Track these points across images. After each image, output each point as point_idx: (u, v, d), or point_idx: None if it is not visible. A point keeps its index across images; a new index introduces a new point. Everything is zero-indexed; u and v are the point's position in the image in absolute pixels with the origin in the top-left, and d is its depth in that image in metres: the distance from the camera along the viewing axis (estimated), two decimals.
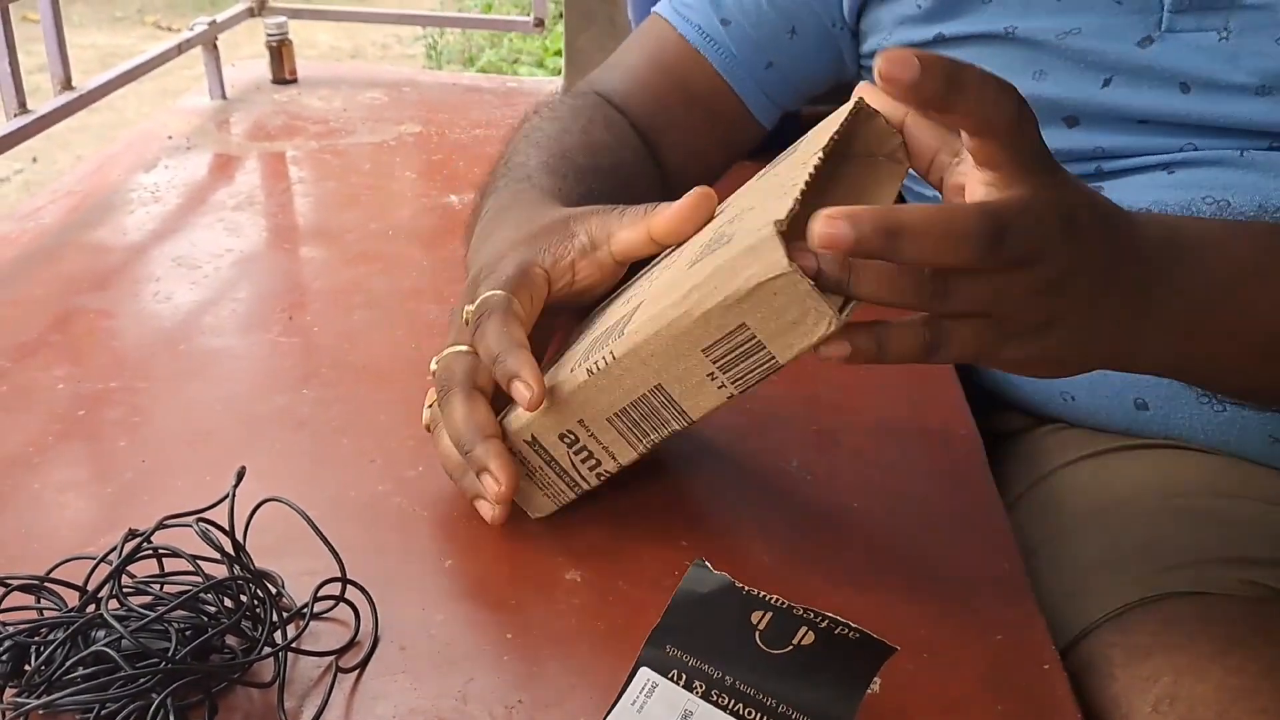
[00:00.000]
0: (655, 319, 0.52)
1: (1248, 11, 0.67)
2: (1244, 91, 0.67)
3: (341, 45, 4.42)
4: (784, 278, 0.47)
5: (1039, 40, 0.70)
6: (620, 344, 0.53)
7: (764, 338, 0.49)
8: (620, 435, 0.56)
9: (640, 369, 0.53)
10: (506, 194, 0.71)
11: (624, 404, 0.54)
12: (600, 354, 0.54)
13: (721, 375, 0.51)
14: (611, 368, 0.53)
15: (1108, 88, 0.69)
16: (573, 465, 0.57)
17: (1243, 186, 0.67)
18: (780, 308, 0.48)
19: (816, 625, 0.45)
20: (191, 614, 0.49)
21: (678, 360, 0.52)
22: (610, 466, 0.57)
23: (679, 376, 0.52)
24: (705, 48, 0.82)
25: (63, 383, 0.72)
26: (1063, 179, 0.50)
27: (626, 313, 0.55)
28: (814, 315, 0.48)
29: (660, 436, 0.55)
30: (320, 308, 0.83)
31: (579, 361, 0.55)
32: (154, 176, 1.06)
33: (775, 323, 0.49)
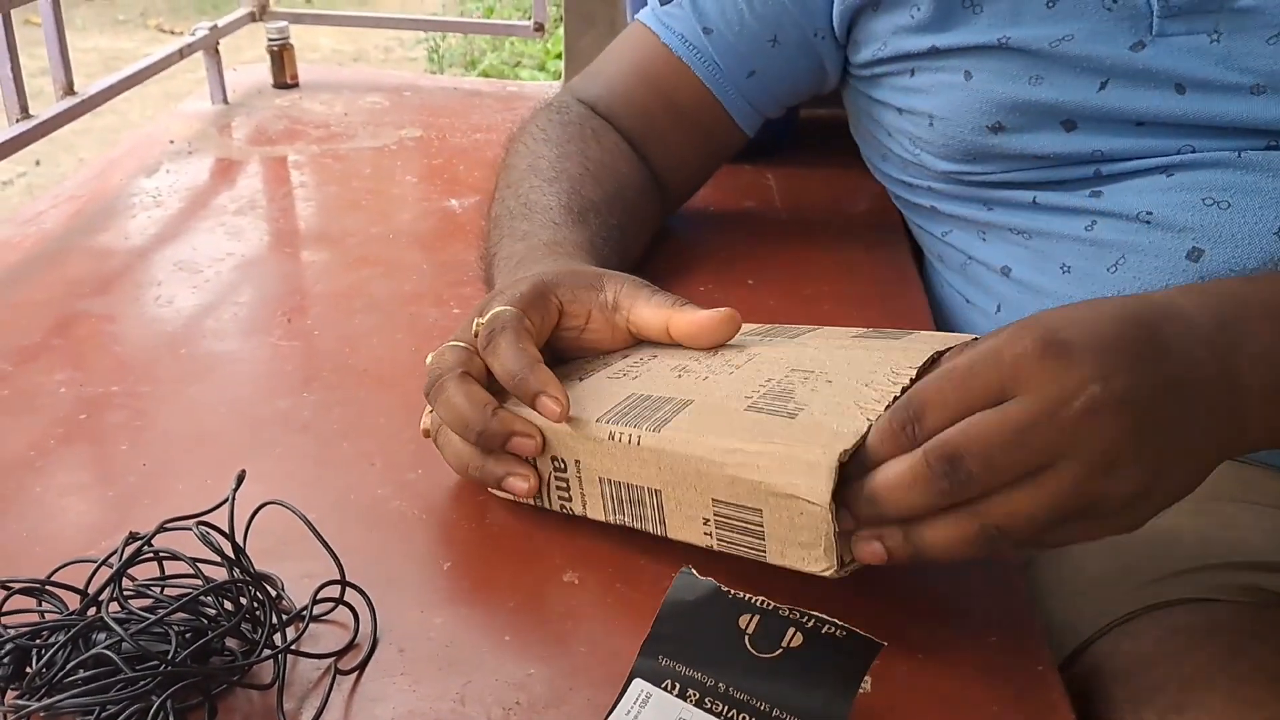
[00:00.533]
0: (694, 443, 0.52)
1: (1237, 14, 0.67)
2: (1239, 92, 0.67)
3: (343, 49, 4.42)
4: (816, 509, 0.48)
5: (1033, 49, 0.70)
6: (650, 438, 0.53)
7: (768, 532, 0.50)
8: (602, 497, 0.56)
9: (654, 469, 0.53)
10: (537, 241, 0.72)
11: (622, 479, 0.55)
12: (630, 429, 0.54)
13: (714, 527, 0.52)
14: (631, 449, 0.54)
15: (1104, 90, 0.69)
16: (545, 484, 0.58)
17: (1242, 187, 0.67)
18: (798, 526, 0.49)
19: (803, 625, 0.45)
20: (191, 616, 0.49)
21: (688, 488, 0.52)
22: (577, 509, 0.58)
23: (680, 500, 0.53)
24: (688, 56, 0.82)
25: (64, 386, 0.72)
26: (1057, 378, 0.45)
27: (673, 399, 0.55)
28: (820, 553, 0.49)
29: (633, 525, 0.56)
30: (321, 311, 0.83)
31: (609, 415, 0.55)
32: (156, 181, 1.06)
33: (786, 530, 0.50)
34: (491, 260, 0.74)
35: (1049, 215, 0.73)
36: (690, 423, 0.53)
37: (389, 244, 0.94)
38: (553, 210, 0.75)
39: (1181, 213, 0.68)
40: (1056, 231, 0.72)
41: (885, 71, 0.78)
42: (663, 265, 0.87)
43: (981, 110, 0.72)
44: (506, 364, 0.56)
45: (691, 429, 0.53)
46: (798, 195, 1.04)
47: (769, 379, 0.55)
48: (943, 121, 0.74)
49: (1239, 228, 0.66)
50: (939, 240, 0.82)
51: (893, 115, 0.80)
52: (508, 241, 0.73)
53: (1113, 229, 0.70)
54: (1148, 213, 0.69)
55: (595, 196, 0.77)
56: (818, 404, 0.52)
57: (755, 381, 0.55)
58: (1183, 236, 0.67)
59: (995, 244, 0.76)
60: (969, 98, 0.73)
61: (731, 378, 0.56)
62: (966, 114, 0.73)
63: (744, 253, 0.91)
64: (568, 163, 0.79)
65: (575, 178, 0.78)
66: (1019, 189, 0.74)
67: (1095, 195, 0.71)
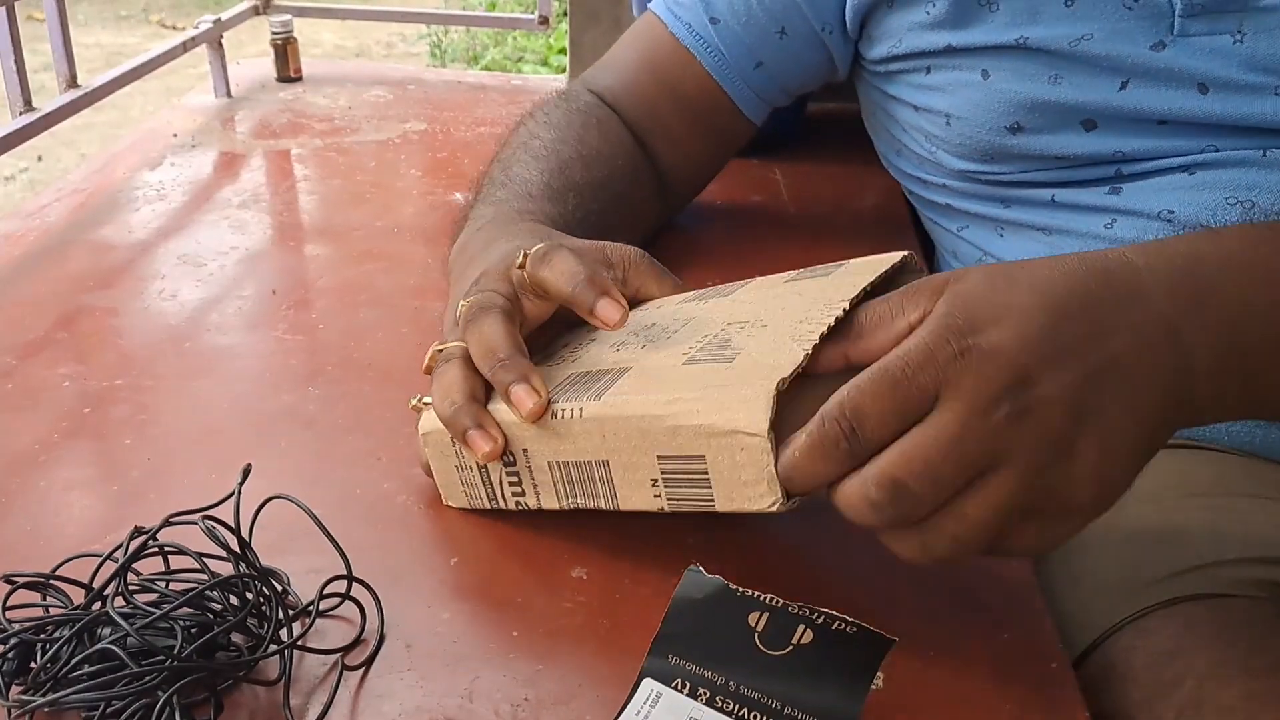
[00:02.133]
0: (632, 404, 0.51)
1: (1261, 14, 0.66)
2: (1263, 92, 0.66)
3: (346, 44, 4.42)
4: (755, 440, 0.47)
5: (1051, 48, 0.69)
6: (592, 407, 0.53)
7: (714, 478, 0.50)
8: (553, 482, 0.56)
9: (598, 439, 0.53)
10: (509, 208, 0.72)
11: (569, 458, 0.54)
12: (571, 404, 0.53)
13: (662, 487, 0.52)
14: (574, 422, 0.53)
15: (1125, 90, 0.69)
16: (500, 482, 0.57)
17: (1267, 186, 0.66)
18: (740, 464, 0.48)
19: (814, 622, 0.45)
20: (197, 611, 0.49)
21: (633, 451, 0.52)
22: (531, 503, 0.57)
23: (626, 465, 0.52)
24: (695, 46, 0.82)
25: (69, 381, 0.72)
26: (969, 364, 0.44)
27: (612, 369, 0.55)
28: (764, 489, 0.48)
29: (586, 504, 0.55)
30: (325, 305, 0.83)
31: (551, 395, 0.55)
32: (159, 174, 1.06)
33: (729, 471, 0.49)
34: (463, 224, 0.74)
35: (1068, 213, 0.72)
36: (630, 385, 0.53)
37: (393, 238, 0.94)
38: (532, 184, 0.74)
39: (1204, 212, 0.67)
40: (1076, 229, 0.72)
41: (901, 69, 0.78)
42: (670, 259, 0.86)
43: (1000, 110, 0.71)
44: (489, 341, 0.55)
45: (631, 391, 0.52)
46: (805, 190, 1.03)
47: (705, 335, 0.55)
48: (960, 121, 0.74)
49: None
50: (955, 236, 0.82)
51: (909, 112, 0.79)
52: (480, 206, 0.74)
53: (1133, 227, 0.69)
54: (1169, 211, 0.68)
55: (580, 180, 0.77)
56: (754, 346, 0.51)
57: (692, 339, 0.55)
58: None
59: (1013, 240, 0.76)
60: (987, 97, 0.72)
61: (669, 341, 0.56)
62: (984, 114, 0.72)
63: (751, 247, 0.90)
64: (561, 145, 0.79)
65: (565, 159, 0.77)
66: (1037, 187, 0.74)
67: (1115, 192, 0.70)
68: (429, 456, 0.60)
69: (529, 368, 0.54)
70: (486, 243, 0.68)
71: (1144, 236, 0.68)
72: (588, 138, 0.80)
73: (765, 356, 0.50)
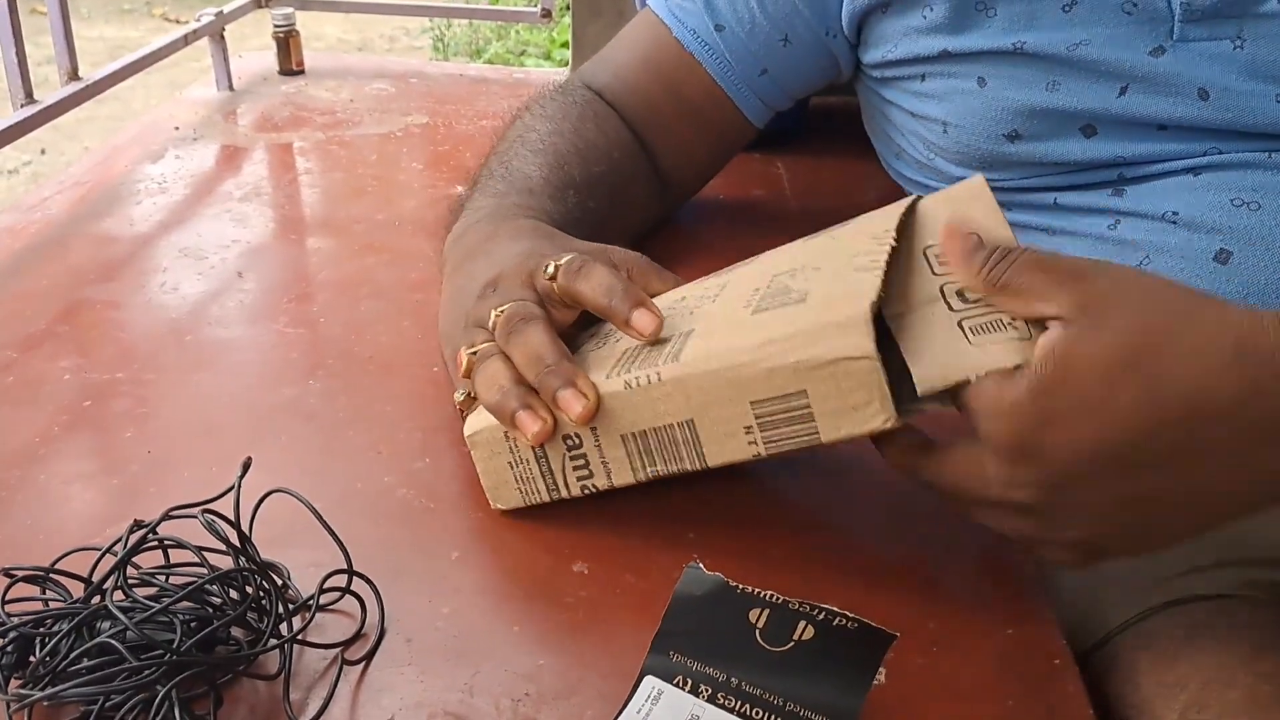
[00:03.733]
0: (717, 356, 0.51)
1: (1261, 20, 0.65)
2: (1264, 99, 0.65)
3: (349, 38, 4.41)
4: (865, 362, 0.47)
5: (1049, 54, 0.68)
6: (670, 369, 0.52)
7: (817, 411, 0.49)
8: (627, 456, 0.55)
9: (681, 399, 0.52)
10: (508, 202, 0.71)
11: (646, 427, 0.53)
12: (644, 371, 0.53)
13: (758, 433, 0.51)
14: (652, 388, 0.52)
15: (1124, 96, 0.68)
16: (562, 469, 0.57)
17: (1273, 187, 0.65)
18: (847, 389, 0.48)
19: (814, 618, 0.44)
20: (197, 605, 0.49)
21: (723, 404, 0.51)
22: (601, 483, 0.56)
23: (716, 420, 0.52)
24: (699, 53, 0.81)
25: (69, 374, 0.72)
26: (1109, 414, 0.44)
27: (673, 335, 0.55)
28: (876, 407, 0.48)
29: (666, 471, 0.54)
30: (327, 299, 0.83)
31: (614, 371, 0.54)
32: (161, 167, 1.05)
33: (835, 401, 0.49)
34: (459, 213, 0.73)
35: (1071, 215, 0.72)
36: (706, 344, 0.52)
37: (394, 231, 0.93)
38: (531, 179, 0.74)
39: (1209, 213, 0.66)
40: (1079, 230, 0.71)
41: (896, 75, 0.77)
42: (672, 253, 0.86)
43: (997, 118, 0.71)
44: (535, 351, 0.55)
45: (710, 347, 0.52)
46: (808, 184, 1.03)
47: (756, 289, 0.54)
48: (957, 129, 0.73)
49: (1269, 229, 0.64)
50: None
51: (905, 117, 0.78)
52: (477, 197, 0.73)
53: (1137, 228, 0.69)
54: (1174, 213, 0.67)
55: (578, 175, 0.76)
56: (818, 285, 0.51)
57: (745, 295, 0.54)
58: (1210, 237, 0.66)
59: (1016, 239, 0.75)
60: (983, 105, 0.71)
61: (718, 303, 0.55)
62: (981, 122, 0.72)
63: (753, 242, 0.89)
64: (558, 139, 0.78)
65: (562, 154, 0.77)
66: (1039, 192, 0.73)
67: (1119, 194, 0.70)
68: (477, 459, 0.59)
69: (575, 371, 0.54)
70: (487, 237, 0.67)
71: (1149, 237, 0.68)
72: (584, 131, 0.80)
73: (837, 288, 0.50)
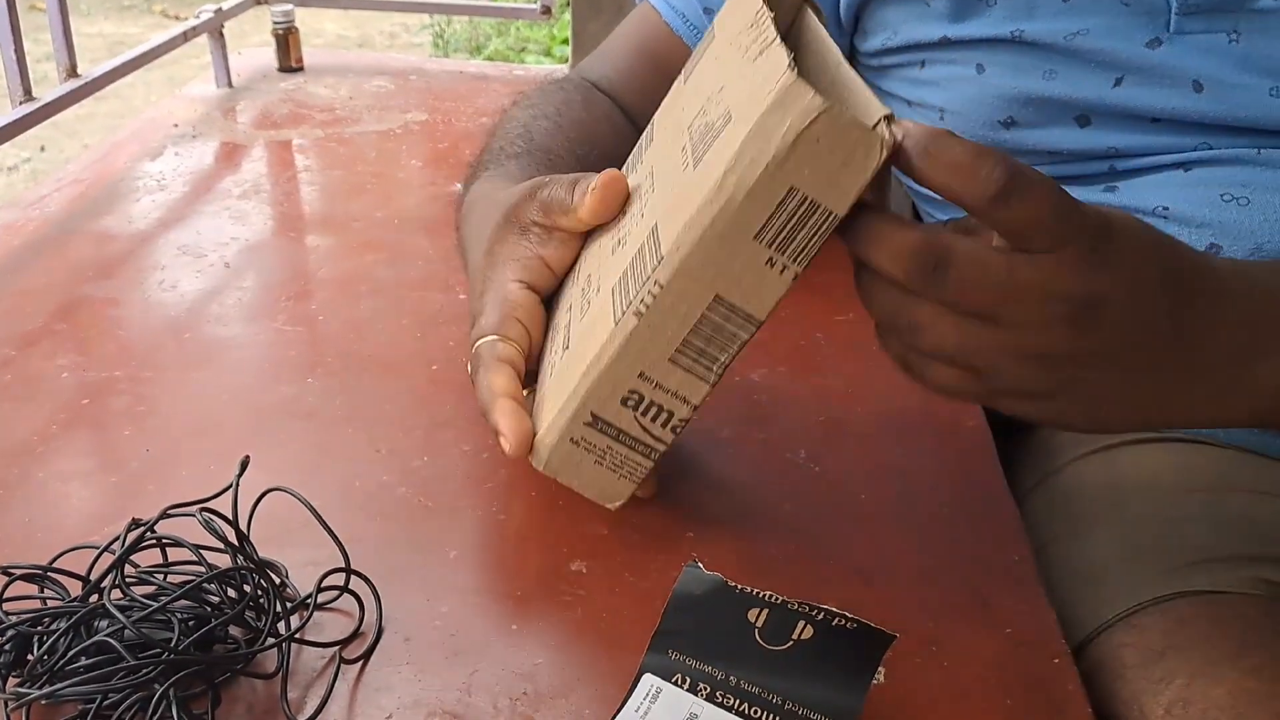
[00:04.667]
0: (691, 225, 0.48)
1: (1257, 15, 0.66)
2: (1258, 93, 0.66)
3: (348, 35, 4.41)
4: (824, 116, 0.44)
5: (1047, 42, 0.69)
6: (663, 269, 0.49)
7: (816, 195, 0.46)
8: (688, 373, 0.52)
9: (694, 286, 0.49)
10: (484, 186, 0.72)
11: (684, 334, 0.50)
12: (642, 291, 0.50)
13: (780, 256, 0.48)
14: (661, 298, 0.49)
15: (1119, 86, 0.68)
16: (643, 429, 0.53)
17: (1262, 184, 0.65)
18: (826, 153, 0.45)
19: (814, 618, 0.44)
20: (195, 604, 0.49)
21: (732, 258, 0.48)
22: (684, 414, 0.53)
23: (737, 277, 0.48)
24: (690, 37, 0.81)
25: (68, 371, 0.72)
26: (1077, 263, 0.45)
27: (646, 234, 0.52)
28: (863, 147, 0.45)
29: (729, 355, 0.51)
30: (326, 297, 0.83)
31: (620, 309, 0.51)
32: (160, 165, 1.05)
33: (824, 172, 0.45)
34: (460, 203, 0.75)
35: None
36: (673, 226, 0.49)
37: (394, 228, 0.93)
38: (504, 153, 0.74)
39: (1199, 209, 0.66)
40: None
41: (895, 62, 0.77)
42: None
43: (993, 104, 0.71)
44: (480, 400, 0.57)
45: (684, 220, 0.48)
46: None
47: (682, 148, 0.52)
48: (954, 116, 0.73)
49: (1258, 224, 0.65)
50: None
51: (902, 107, 0.78)
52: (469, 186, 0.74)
53: None
54: (1164, 208, 0.67)
55: (552, 145, 0.76)
56: (732, 97, 0.49)
57: (676, 161, 0.52)
58: (1200, 232, 0.66)
59: None
60: (981, 91, 0.72)
61: (660, 189, 0.53)
62: (978, 108, 0.72)
63: None
64: (539, 121, 0.78)
65: (538, 130, 0.77)
66: None
67: (1111, 190, 0.70)
68: (567, 481, 0.56)
69: (499, 418, 0.55)
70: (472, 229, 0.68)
71: None
72: (568, 111, 0.80)
73: (753, 84, 0.47)
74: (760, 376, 0.72)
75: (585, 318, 0.55)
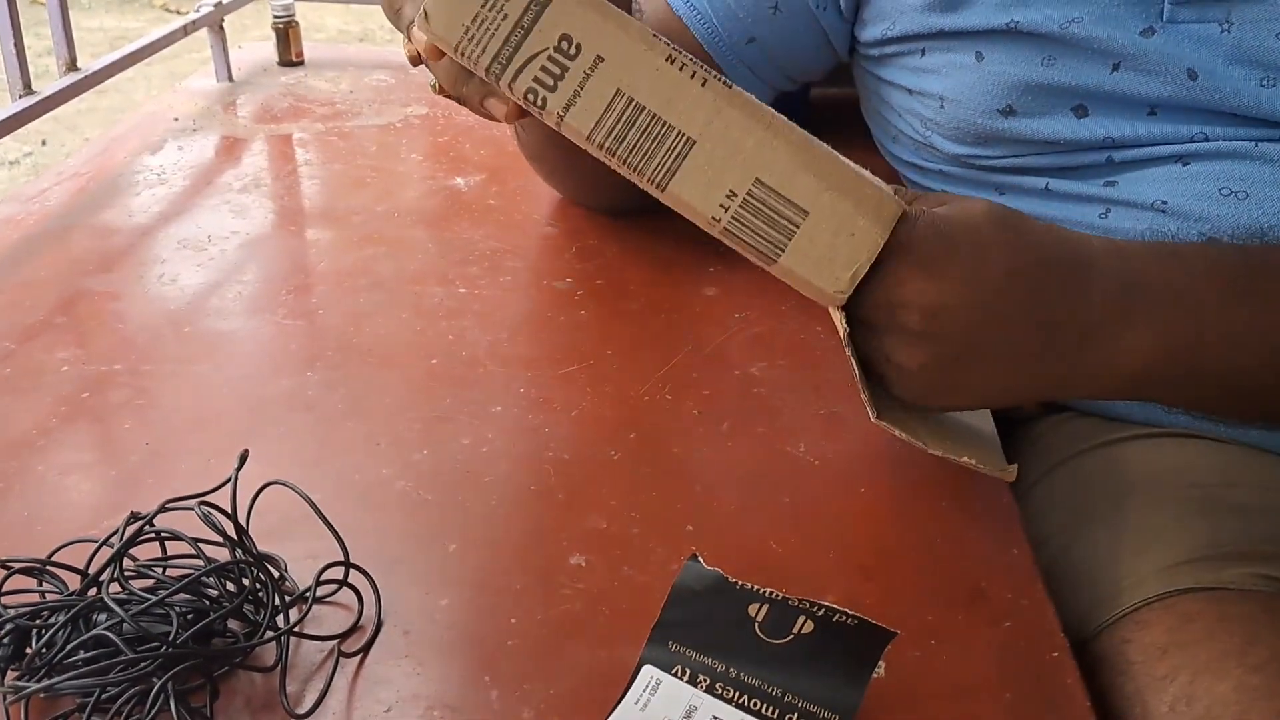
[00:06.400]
0: (770, 121, 0.50)
1: (1248, 5, 0.66)
2: (1249, 83, 0.66)
3: (350, 29, 4.40)
4: (874, 235, 0.50)
5: (1042, 32, 0.69)
6: (722, 89, 0.49)
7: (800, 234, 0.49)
8: (604, 110, 0.49)
9: (703, 117, 0.48)
10: None
11: (650, 104, 0.48)
12: (697, 68, 0.48)
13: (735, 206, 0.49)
14: (690, 84, 0.48)
15: (1116, 73, 0.68)
16: (530, 55, 0.49)
17: (1260, 178, 0.65)
18: (838, 245, 0.49)
19: (814, 614, 0.44)
20: (193, 598, 0.49)
21: (734, 155, 0.49)
22: (554, 105, 0.49)
23: (713, 162, 0.48)
24: (688, 16, 0.81)
25: (67, 365, 0.72)
26: (913, 278, 0.52)
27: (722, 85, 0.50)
28: (848, 277, 0.50)
29: (622, 162, 0.49)
30: (326, 290, 0.83)
31: (669, 47, 0.49)
32: (160, 158, 1.05)
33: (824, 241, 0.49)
34: None
35: (1062, 203, 0.72)
36: (754, 106, 0.49)
37: (394, 222, 0.93)
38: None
39: (1197, 203, 0.66)
40: (1070, 219, 0.71)
41: (895, 51, 0.77)
42: (669, 246, 0.86)
43: (993, 92, 0.71)
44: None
45: (761, 108, 0.49)
46: None
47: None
48: (954, 104, 0.73)
49: (1255, 218, 0.65)
50: None
51: (902, 96, 0.78)
52: None
53: (1127, 218, 0.69)
54: (1163, 202, 0.67)
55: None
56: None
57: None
58: (1199, 226, 0.66)
59: None
60: (980, 79, 0.71)
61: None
62: (978, 96, 0.72)
63: None
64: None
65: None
66: (1031, 175, 0.73)
67: (1110, 185, 0.70)
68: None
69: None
70: None
71: (1139, 227, 0.68)
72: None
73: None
74: (760, 370, 0.72)
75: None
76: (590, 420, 0.66)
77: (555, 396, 0.69)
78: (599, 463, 0.63)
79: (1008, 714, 0.48)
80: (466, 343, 0.74)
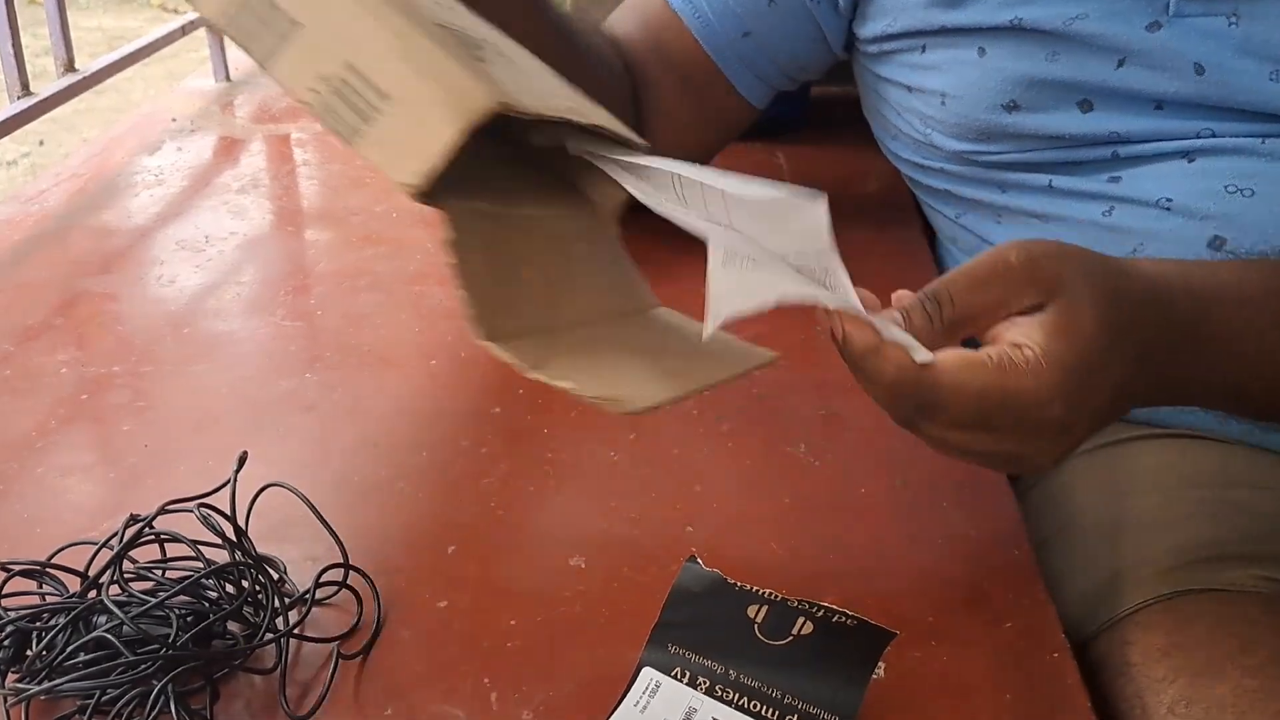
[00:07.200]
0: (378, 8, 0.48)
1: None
2: (1257, 77, 0.66)
3: None
4: (447, 133, 0.45)
5: (1046, 28, 0.68)
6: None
7: (377, 119, 0.46)
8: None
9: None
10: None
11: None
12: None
13: (324, 93, 0.47)
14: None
15: (1122, 68, 0.68)
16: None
17: (1266, 175, 0.65)
18: (413, 126, 0.46)
19: (813, 615, 0.44)
20: (193, 600, 0.49)
21: (330, 43, 0.47)
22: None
23: (313, 46, 0.48)
24: (682, 9, 0.81)
25: (66, 366, 0.71)
26: (1051, 401, 0.48)
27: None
28: (422, 169, 0.46)
29: (237, 37, 0.49)
30: (325, 291, 0.83)
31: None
32: (158, 159, 1.05)
33: (401, 130, 0.46)
34: None
35: (1065, 200, 0.72)
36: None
37: (393, 222, 0.93)
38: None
39: (1202, 200, 0.66)
40: (1073, 216, 0.71)
41: (896, 48, 0.77)
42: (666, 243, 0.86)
43: (997, 88, 0.71)
44: None
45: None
46: (808, 174, 1.02)
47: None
48: (956, 100, 0.73)
49: (1262, 216, 0.64)
50: (953, 223, 0.81)
51: (902, 93, 0.78)
52: None
53: (1131, 215, 0.68)
54: (1167, 199, 0.67)
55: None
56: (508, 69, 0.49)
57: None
58: (1204, 224, 0.66)
59: (1010, 227, 0.75)
60: (983, 75, 0.71)
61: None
62: (981, 92, 0.71)
63: None
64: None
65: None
66: (1034, 171, 0.73)
67: (1114, 181, 0.70)
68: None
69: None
70: None
71: (1142, 224, 0.68)
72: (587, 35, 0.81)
73: (517, 81, 0.49)
74: (760, 370, 0.72)
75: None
76: (590, 421, 0.66)
77: (555, 397, 0.69)
78: (599, 463, 0.63)
79: (1008, 714, 0.48)
80: (466, 343, 0.74)
